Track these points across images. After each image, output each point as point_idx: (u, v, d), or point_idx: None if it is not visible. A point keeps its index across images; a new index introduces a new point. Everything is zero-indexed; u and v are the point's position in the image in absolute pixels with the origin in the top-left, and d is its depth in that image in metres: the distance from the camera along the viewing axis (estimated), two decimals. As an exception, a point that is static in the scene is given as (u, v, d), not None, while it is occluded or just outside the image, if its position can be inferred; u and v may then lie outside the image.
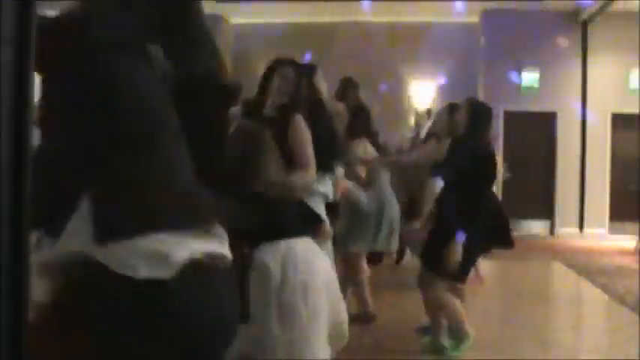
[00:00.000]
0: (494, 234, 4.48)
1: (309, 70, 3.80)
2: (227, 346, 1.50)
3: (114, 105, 1.38)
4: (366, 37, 12.73)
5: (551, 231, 12.32)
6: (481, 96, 12.39)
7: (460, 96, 12.46)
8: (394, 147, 9.56)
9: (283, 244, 2.60)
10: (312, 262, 2.61)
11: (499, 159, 10.59)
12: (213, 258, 1.38)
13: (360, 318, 5.05)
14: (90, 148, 1.35)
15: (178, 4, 1.52)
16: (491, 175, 4.46)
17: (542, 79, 12.10)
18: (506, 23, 12.12)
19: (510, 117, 12.12)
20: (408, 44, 12.64)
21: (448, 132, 4.57)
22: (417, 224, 5.68)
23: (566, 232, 12.07)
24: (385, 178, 5.51)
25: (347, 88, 5.59)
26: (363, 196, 5.16)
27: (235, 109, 2.99)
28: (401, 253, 7.71)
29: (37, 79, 1.14)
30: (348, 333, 2.79)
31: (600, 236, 11.71)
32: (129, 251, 1.27)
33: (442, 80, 12.69)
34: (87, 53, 1.38)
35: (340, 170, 4.41)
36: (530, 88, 12.16)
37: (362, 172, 5.26)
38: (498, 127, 11.99)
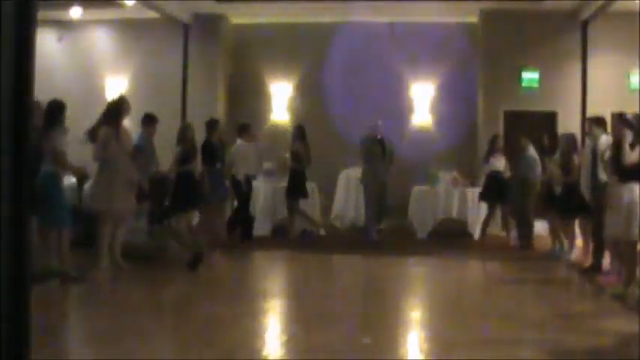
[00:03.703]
0: None
1: None
2: None
3: None
4: (366, 37, 12.72)
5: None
6: (481, 96, 12.38)
7: (460, 96, 12.51)
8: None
9: None
10: None
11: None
12: None
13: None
14: None
15: None
16: None
17: (542, 79, 12.09)
18: (506, 23, 12.11)
19: (510, 117, 12.12)
20: (408, 44, 12.63)
21: None
22: None
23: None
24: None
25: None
26: None
27: None
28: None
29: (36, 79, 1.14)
30: None
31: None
32: None
33: (442, 80, 12.68)
34: None
35: None
36: (530, 88, 12.15)
37: None
38: (499, 127, 11.99)
